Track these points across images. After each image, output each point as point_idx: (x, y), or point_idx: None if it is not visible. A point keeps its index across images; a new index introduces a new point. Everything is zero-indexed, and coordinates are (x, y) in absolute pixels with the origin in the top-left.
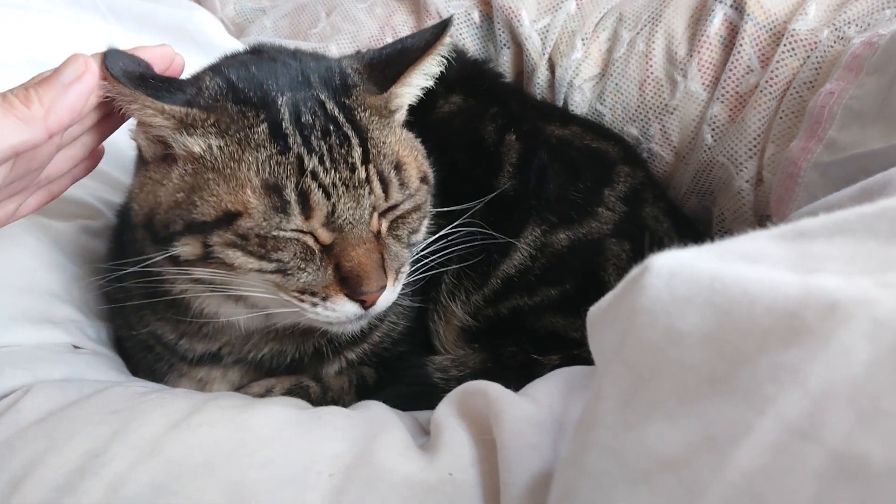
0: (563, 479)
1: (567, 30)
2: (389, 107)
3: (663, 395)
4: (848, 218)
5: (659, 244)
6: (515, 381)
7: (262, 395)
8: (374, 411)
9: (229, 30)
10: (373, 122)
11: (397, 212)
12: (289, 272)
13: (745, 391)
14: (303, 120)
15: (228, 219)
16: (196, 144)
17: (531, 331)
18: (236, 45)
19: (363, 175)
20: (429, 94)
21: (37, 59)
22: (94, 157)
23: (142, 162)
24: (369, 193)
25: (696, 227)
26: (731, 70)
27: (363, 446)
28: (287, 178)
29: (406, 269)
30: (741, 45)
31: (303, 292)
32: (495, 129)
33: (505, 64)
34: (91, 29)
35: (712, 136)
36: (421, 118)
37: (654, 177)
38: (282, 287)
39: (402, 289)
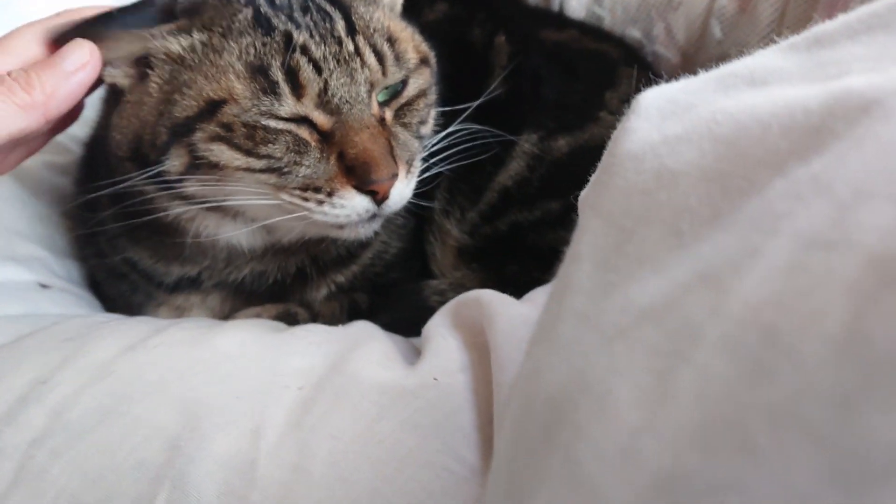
0: (532, 357)
1: None
2: None
3: (650, 247)
4: (875, 10)
5: None
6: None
7: None
8: (358, 327)
9: None
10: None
11: (401, 99)
12: (285, 170)
13: (753, 217)
14: (277, 3)
15: (212, 108)
16: (175, 44)
17: (533, 248)
18: None
19: (351, 47)
20: (412, 2)
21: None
22: (75, 112)
23: (114, 93)
24: (362, 66)
25: None
26: None
27: (338, 359)
28: (272, 57)
29: (418, 163)
30: None
31: (306, 189)
32: (483, 33)
33: None
34: None
35: (721, 30)
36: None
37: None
38: (282, 187)
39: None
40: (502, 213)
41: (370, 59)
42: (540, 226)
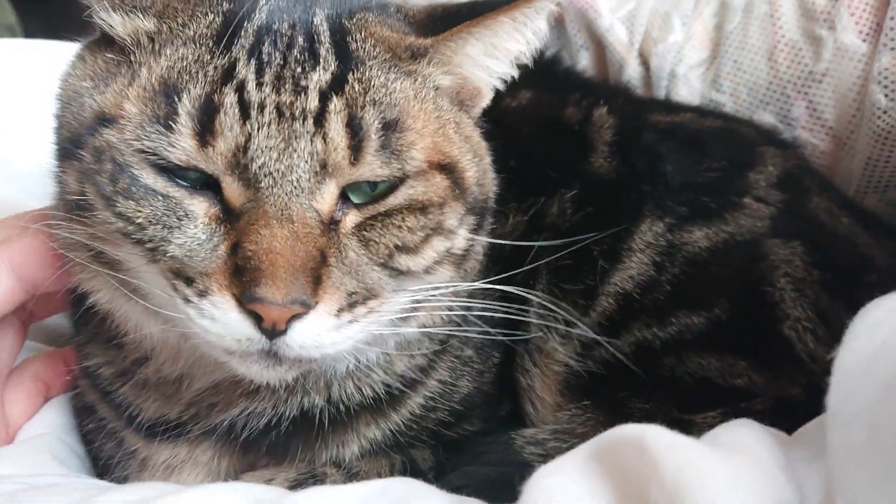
0: None
1: (658, 12)
2: (418, 54)
3: None
4: None
5: (844, 248)
6: None
7: None
8: (399, 486)
9: None
10: (376, 57)
11: (381, 206)
12: (148, 244)
13: None
14: (273, 27)
15: (98, 123)
16: (122, 25)
17: (671, 379)
18: None
19: (313, 105)
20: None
21: None
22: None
23: None
24: (316, 136)
25: (888, 224)
26: None
27: None
28: (196, 82)
29: (382, 304)
30: None
31: (177, 275)
32: (578, 110)
33: (585, 71)
34: None
35: (888, 96)
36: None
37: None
38: (152, 261)
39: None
40: (623, 327)
41: (336, 131)
42: (678, 347)
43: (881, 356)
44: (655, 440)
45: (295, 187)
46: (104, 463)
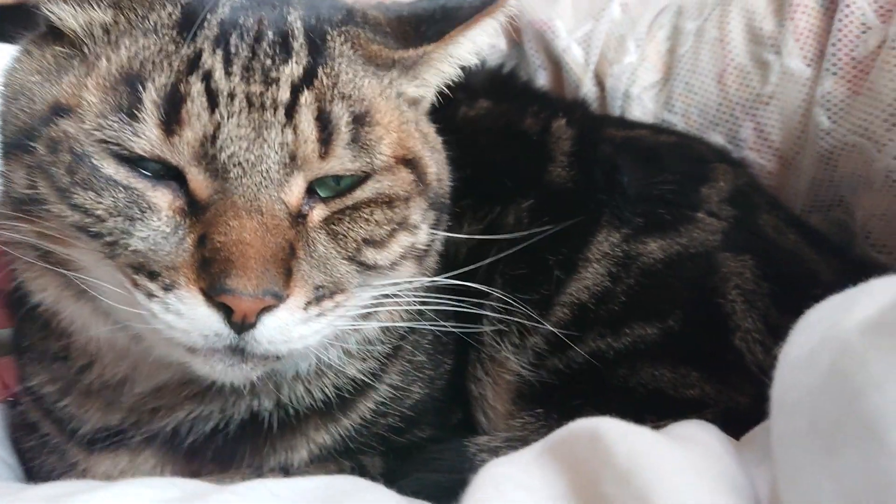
0: None
1: (614, 35)
2: (395, 63)
3: None
4: None
5: (791, 263)
6: None
7: None
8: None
9: None
10: (350, 58)
11: (348, 199)
12: (107, 237)
13: None
14: (239, 21)
15: (53, 114)
16: (73, 17)
17: (624, 389)
18: None
19: (284, 96)
20: (446, 102)
21: None
22: None
23: None
24: (286, 128)
25: (833, 241)
26: (840, 33)
27: None
28: (160, 71)
29: (348, 299)
30: (848, 1)
31: (139, 270)
32: (537, 121)
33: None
34: None
35: (830, 118)
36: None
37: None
38: (110, 256)
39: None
40: (577, 337)
41: (306, 124)
42: (631, 358)
43: (820, 350)
44: (608, 430)
45: (264, 178)
46: (45, 479)
